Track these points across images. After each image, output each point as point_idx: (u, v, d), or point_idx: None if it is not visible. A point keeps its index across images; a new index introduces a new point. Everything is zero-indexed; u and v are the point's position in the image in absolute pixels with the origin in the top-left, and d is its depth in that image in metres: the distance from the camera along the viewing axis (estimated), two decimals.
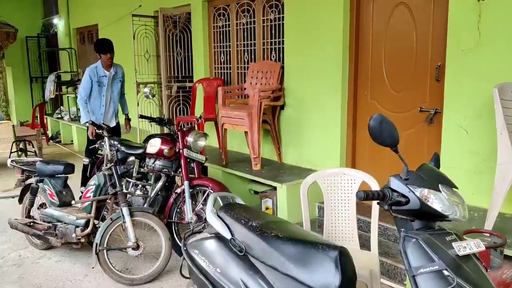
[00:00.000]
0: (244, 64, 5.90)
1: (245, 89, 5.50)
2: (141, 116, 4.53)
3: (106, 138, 4.14)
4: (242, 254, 2.19)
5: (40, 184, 4.32)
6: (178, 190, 4.09)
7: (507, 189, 2.91)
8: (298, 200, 3.01)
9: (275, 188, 4.64)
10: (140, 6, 7.54)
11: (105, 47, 5.26)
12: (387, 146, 1.79)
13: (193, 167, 4.21)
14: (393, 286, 3.54)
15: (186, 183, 3.98)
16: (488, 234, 2.91)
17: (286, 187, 4.44)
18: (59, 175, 4.27)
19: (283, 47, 5.20)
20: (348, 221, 3.02)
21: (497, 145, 2.98)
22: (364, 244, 3.59)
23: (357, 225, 3.17)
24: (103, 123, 4.22)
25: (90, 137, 5.16)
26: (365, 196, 1.73)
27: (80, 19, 10.41)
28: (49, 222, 4.13)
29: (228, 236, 2.27)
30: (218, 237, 2.35)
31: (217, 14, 6.20)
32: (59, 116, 10.29)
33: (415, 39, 3.99)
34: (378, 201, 1.79)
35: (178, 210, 4.13)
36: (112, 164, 3.84)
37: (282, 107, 5.21)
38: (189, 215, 3.93)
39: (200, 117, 4.79)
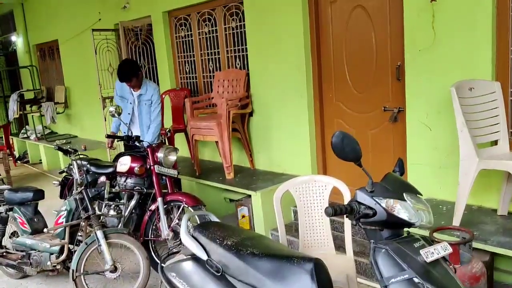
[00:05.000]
0: (210, 73, 5.90)
1: (212, 98, 5.51)
2: (108, 136, 4.48)
3: (74, 162, 4.08)
4: (219, 274, 2.21)
5: (10, 213, 4.22)
6: (153, 207, 4.07)
7: (471, 183, 3.01)
8: (273, 206, 3.03)
9: (250, 196, 4.67)
10: (100, 20, 7.44)
11: (121, 77, 4.58)
12: (351, 161, 1.83)
13: (166, 182, 4.19)
14: (370, 285, 3.62)
15: (159, 199, 3.96)
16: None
17: (260, 194, 4.47)
18: (28, 202, 4.18)
19: (247, 54, 5.23)
20: (322, 226, 3.07)
21: (458, 141, 3.08)
22: (341, 245, 3.64)
23: (332, 226, 3.23)
24: (69, 148, 4.15)
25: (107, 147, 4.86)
26: (333, 212, 1.77)
27: (39, 35, 10.19)
28: (22, 251, 4.05)
29: (204, 257, 2.29)
30: (195, 258, 2.36)
31: (179, 24, 6.18)
32: (25, 135, 10.04)
33: (374, 40, 4.08)
34: (347, 215, 1.84)
35: (153, 227, 4.11)
36: (83, 188, 3.79)
37: (250, 114, 5.24)
38: (165, 232, 3.92)
39: (169, 130, 4.77)
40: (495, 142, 3.24)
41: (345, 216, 1.86)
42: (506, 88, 3.30)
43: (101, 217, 4.10)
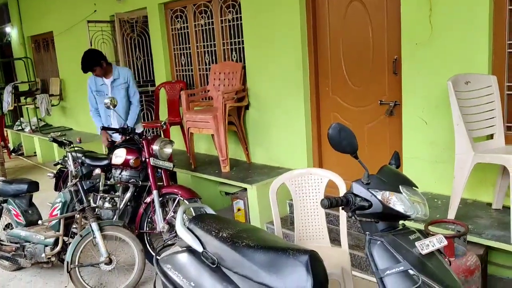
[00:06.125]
0: (206, 65, 5.88)
1: (208, 91, 5.49)
2: (104, 128, 4.45)
3: (69, 154, 4.06)
4: (214, 266, 2.20)
5: (4, 205, 4.20)
6: (148, 200, 4.06)
7: (466, 177, 3.02)
8: (268, 199, 3.03)
9: (245, 189, 4.67)
10: (95, 11, 7.38)
11: (84, 67, 4.72)
12: (347, 153, 1.83)
13: (161, 175, 4.18)
14: (365, 278, 3.64)
15: (155, 192, 3.95)
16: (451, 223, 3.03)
17: (256, 188, 4.47)
18: (23, 194, 4.16)
19: (243, 47, 5.21)
20: (318, 219, 3.07)
21: (454, 135, 3.08)
22: (336, 238, 3.67)
23: (327, 219, 3.23)
24: (64, 139, 4.13)
25: (104, 145, 4.58)
26: (329, 204, 1.77)
27: (34, 26, 10.10)
28: (16, 243, 4.03)
29: (199, 249, 2.28)
30: (190, 250, 2.35)
31: (175, 16, 6.14)
32: (20, 128, 9.99)
33: (371, 34, 4.07)
34: (342, 207, 1.83)
35: (149, 220, 4.10)
36: (77, 180, 3.77)
37: (246, 107, 5.22)
38: (160, 224, 3.91)
39: (165, 123, 4.74)
40: (490, 136, 3.25)
41: (340, 208, 1.86)
42: (502, 82, 3.30)
43: (96, 209, 4.10)
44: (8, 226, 4.34)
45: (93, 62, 4.68)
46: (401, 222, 1.91)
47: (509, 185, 3.14)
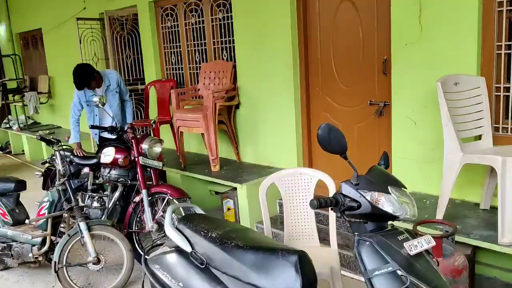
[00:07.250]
0: (196, 64, 5.85)
1: (198, 90, 5.47)
2: (92, 127, 4.42)
3: (57, 153, 4.02)
4: (203, 266, 2.20)
5: None
6: (137, 199, 4.04)
7: (455, 178, 3.04)
8: (258, 199, 3.03)
9: (235, 188, 4.66)
10: (85, 8, 7.32)
11: (80, 85, 4.53)
12: (337, 153, 1.83)
13: (150, 174, 4.15)
14: (354, 277, 3.65)
15: (144, 191, 3.93)
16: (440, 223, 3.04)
17: (246, 187, 4.46)
18: (10, 193, 4.12)
19: (234, 46, 5.19)
20: (307, 218, 3.07)
21: (443, 136, 3.10)
22: (325, 238, 3.67)
23: (316, 219, 3.24)
24: (52, 138, 4.09)
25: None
26: (318, 205, 1.77)
27: (22, 23, 9.99)
28: (3, 243, 3.99)
29: (188, 249, 2.27)
30: (179, 250, 2.34)
31: (165, 14, 6.11)
32: (7, 125, 9.88)
33: (361, 34, 4.08)
34: (332, 207, 1.83)
35: (138, 219, 4.08)
36: (66, 179, 3.74)
37: (237, 106, 5.21)
38: (149, 224, 3.89)
39: (154, 121, 4.72)
40: (479, 137, 3.27)
41: (330, 208, 1.86)
42: (490, 83, 3.33)
43: (84, 209, 4.07)
44: None
45: (88, 77, 4.49)
46: (389, 222, 1.91)
47: (497, 186, 3.16)
